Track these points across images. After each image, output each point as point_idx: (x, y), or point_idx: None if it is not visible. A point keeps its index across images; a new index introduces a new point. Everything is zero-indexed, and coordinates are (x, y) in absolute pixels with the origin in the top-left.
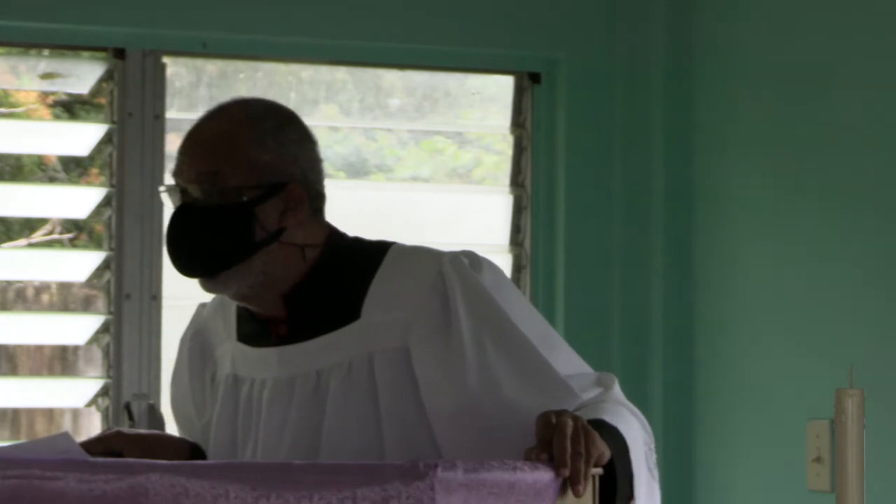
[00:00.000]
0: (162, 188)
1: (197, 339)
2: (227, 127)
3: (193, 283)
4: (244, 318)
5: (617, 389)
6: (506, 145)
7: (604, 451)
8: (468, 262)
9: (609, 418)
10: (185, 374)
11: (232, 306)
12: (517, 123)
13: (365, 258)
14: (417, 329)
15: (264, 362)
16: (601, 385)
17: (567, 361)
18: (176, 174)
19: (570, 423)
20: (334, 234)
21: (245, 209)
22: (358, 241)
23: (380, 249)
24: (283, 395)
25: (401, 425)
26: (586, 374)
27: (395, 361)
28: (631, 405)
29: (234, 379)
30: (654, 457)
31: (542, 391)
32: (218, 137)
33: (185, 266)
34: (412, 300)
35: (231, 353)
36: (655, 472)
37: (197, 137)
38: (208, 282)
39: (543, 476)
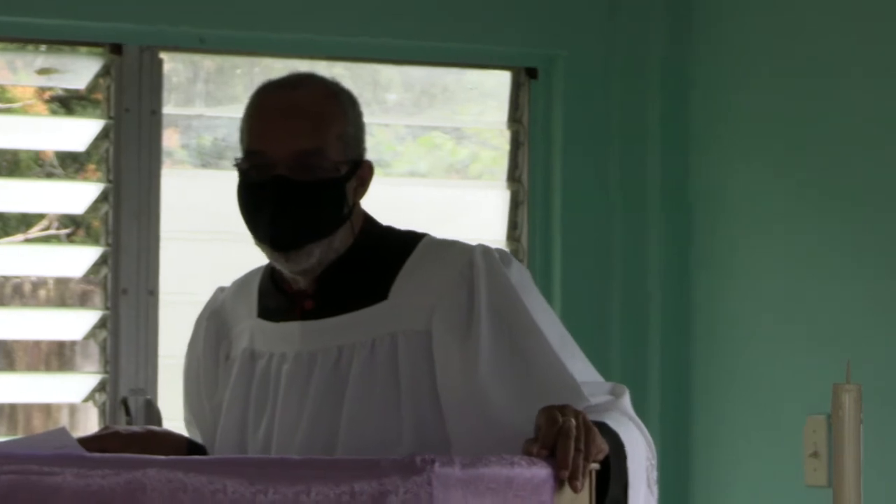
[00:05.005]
0: (237, 161)
1: (214, 319)
2: (319, 102)
3: (190, 279)
4: (268, 293)
5: (627, 401)
6: (503, 140)
7: (603, 447)
8: (498, 257)
9: (611, 423)
10: (199, 352)
11: (254, 285)
12: (514, 119)
13: (397, 244)
14: (441, 314)
15: (285, 336)
16: (612, 395)
17: (581, 369)
18: (262, 148)
19: (573, 423)
20: (369, 219)
21: (340, 183)
22: (391, 229)
23: (413, 237)
24: (303, 370)
25: (419, 408)
26: (598, 382)
27: (417, 344)
28: (637, 420)
29: (251, 353)
30: (654, 473)
31: (552, 389)
32: (314, 113)
33: (283, 237)
34: (440, 286)
35: (250, 329)
36: (655, 489)
37: (290, 113)
38: (294, 253)
39: (541, 471)
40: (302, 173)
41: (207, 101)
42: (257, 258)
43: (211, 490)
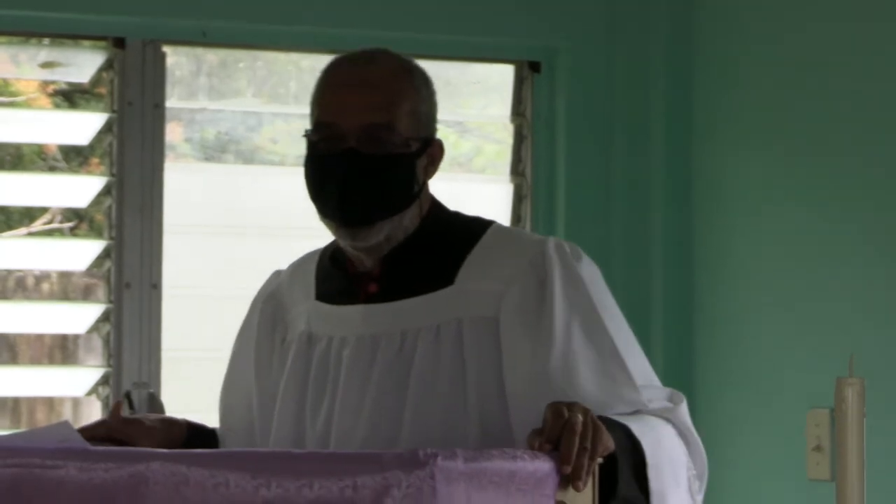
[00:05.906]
0: (306, 133)
1: (270, 301)
2: (391, 77)
3: (194, 273)
4: (327, 276)
5: (684, 409)
6: (506, 134)
7: (608, 444)
8: (569, 251)
9: (634, 428)
10: (254, 335)
11: (311, 268)
12: (517, 112)
13: (465, 229)
14: (510, 302)
15: (346, 320)
16: (670, 401)
17: (641, 370)
18: (333, 120)
19: (579, 419)
20: (437, 202)
21: (410, 160)
22: (458, 214)
23: (482, 223)
24: (365, 353)
25: (483, 394)
26: (657, 386)
27: (483, 331)
28: (690, 429)
29: (309, 337)
30: (698, 483)
31: (614, 390)
32: (386, 88)
33: (352, 211)
34: (510, 274)
35: (307, 312)
36: (699, 499)
37: (362, 86)
38: (363, 230)
39: (543, 465)
40: (372, 146)
41: (210, 94)
42: (263, 252)
43: (213, 483)
